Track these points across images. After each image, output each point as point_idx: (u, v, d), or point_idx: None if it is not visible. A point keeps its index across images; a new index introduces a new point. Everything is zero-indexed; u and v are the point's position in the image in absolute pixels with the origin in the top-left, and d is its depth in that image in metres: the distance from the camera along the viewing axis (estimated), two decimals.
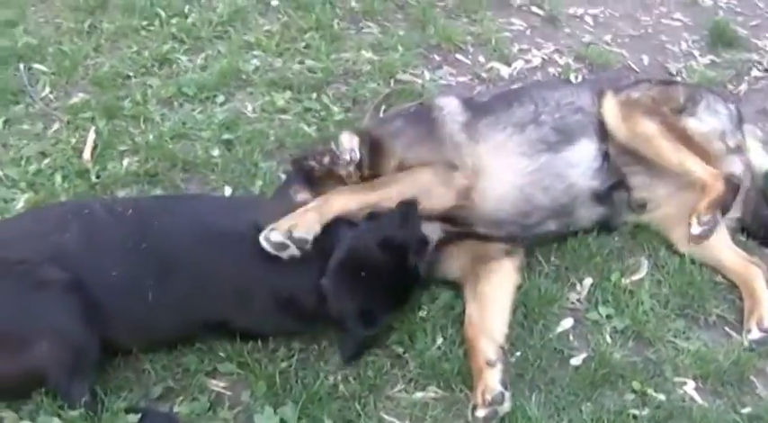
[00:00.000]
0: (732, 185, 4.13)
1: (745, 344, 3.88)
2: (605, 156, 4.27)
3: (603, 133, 4.30)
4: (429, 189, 3.99)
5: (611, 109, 4.30)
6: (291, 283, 3.65)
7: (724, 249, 4.24)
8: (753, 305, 4.00)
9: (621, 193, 4.32)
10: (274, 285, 3.65)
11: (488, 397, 3.46)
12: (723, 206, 4.09)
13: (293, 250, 3.64)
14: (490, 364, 3.57)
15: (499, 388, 3.47)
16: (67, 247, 3.55)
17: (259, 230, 3.65)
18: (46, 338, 3.35)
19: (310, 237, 3.67)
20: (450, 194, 4.02)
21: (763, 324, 3.89)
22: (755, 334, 3.89)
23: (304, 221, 3.72)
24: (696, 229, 4.00)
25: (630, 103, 4.30)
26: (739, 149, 4.37)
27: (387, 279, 3.67)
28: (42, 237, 3.59)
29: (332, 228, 3.76)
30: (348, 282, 3.63)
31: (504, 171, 4.15)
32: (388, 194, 3.93)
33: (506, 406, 3.48)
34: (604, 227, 4.35)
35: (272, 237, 3.64)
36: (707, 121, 4.32)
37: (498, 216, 4.11)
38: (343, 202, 3.89)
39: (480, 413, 3.45)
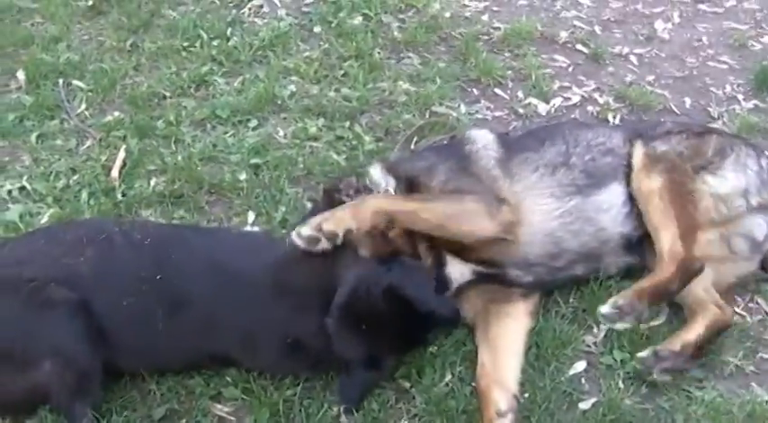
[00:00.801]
0: (688, 273, 3.93)
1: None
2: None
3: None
4: (473, 214, 3.93)
5: (636, 159, 4.21)
6: (298, 325, 3.63)
7: (698, 287, 4.08)
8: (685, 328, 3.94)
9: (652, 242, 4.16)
10: (281, 328, 3.63)
11: None
12: (660, 295, 3.90)
13: (324, 243, 3.69)
14: (500, 414, 3.54)
15: None
16: (80, 271, 3.57)
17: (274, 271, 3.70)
18: (50, 358, 3.37)
19: (341, 231, 3.70)
20: (494, 226, 3.94)
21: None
22: (607, 309, 3.78)
23: (335, 216, 3.77)
24: (605, 309, 3.78)
25: (654, 157, 4.19)
26: (764, 208, 4.20)
27: (393, 324, 3.62)
28: (56, 258, 3.61)
29: (340, 266, 3.73)
30: (352, 324, 3.59)
31: (536, 212, 4.08)
32: (429, 206, 3.92)
33: None
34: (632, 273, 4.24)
35: (302, 231, 3.71)
36: (729, 178, 4.15)
37: (528, 258, 4.04)
38: (380, 202, 3.90)
39: None
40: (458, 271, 4.00)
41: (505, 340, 3.89)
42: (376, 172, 4.23)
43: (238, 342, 3.64)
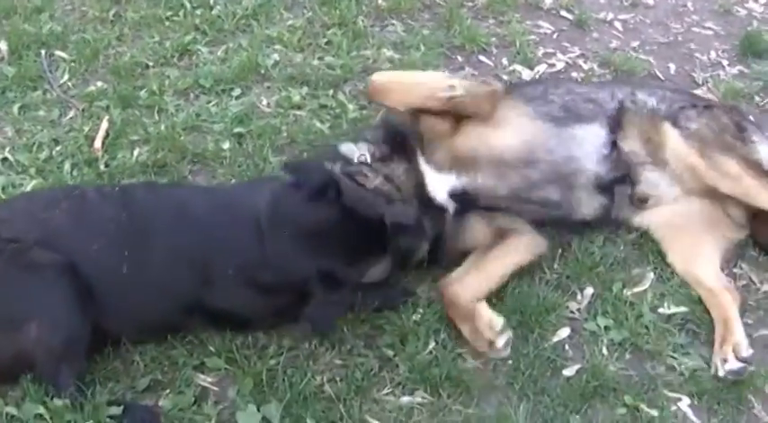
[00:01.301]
0: None
1: (720, 374, 3.73)
2: (614, 146, 4.28)
3: (616, 126, 4.32)
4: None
5: (678, 144, 4.28)
6: (250, 255, 3.61)
7: (710, 270, 4.15)
8: (725, 333, 3.87)
9: (624, 187, 4.31)
10: (237, 259, 3.62)
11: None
12: None
13: None
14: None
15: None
16: (57, 223, 3.58)
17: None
18: (35, 321, 3.33)
19: None
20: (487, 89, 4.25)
21: (741, 352, 3.75)
22: (733, 364, 3.72)
23: None
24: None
25: (696, 138, 4.28)
26: None
27: (335, 232, 3.60)
28: (34, 214, 3.61)
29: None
30: (287, 234, 3.59)
31: (513, 116, 4.27)
32: None
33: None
34: (604, 221, 4.33)
35: None
36: (761, 149, 4.30)
37: (504, 157, 4.15)
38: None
39: None
40: (438, 186, 4.10)
41: (488, 262, 4.02)
42: (345, 148, 4.23)
43: (197, 278, 3.61)
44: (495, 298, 3.95)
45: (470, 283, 3.90)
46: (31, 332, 3.33)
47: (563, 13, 6.15)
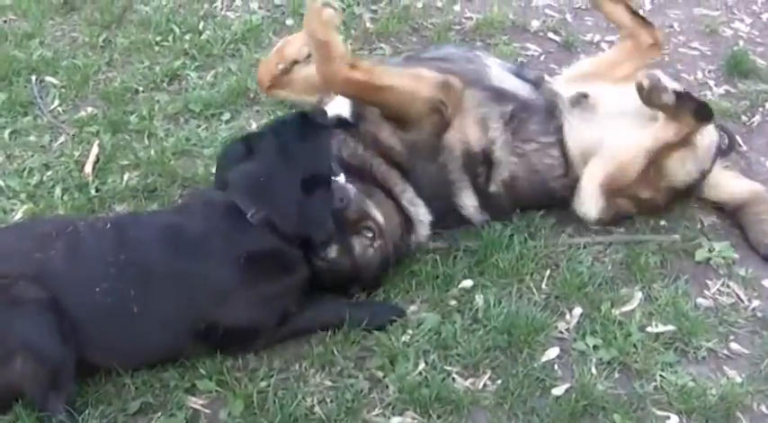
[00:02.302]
0: None
1: None
2: None
3: None
4: None
5: None
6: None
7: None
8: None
9: None
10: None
11: None
12: None
13: None
14: None
15: None
16: (52, 265, 3.61)
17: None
18: (21, 355, 3.38)
19: None
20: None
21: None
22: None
23: None
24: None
25: None
26: None
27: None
28: (25, 253, 3.64)
29: None
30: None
31: None
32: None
33: None
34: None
35: None
36: None
37: None
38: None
39: None
40: None
41: None
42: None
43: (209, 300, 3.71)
44: (485, 318, 3.97)
45: None
46: (17, 365, 3.39)
47: (550, 35, 6.18)
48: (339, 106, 4.35)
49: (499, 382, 3.75)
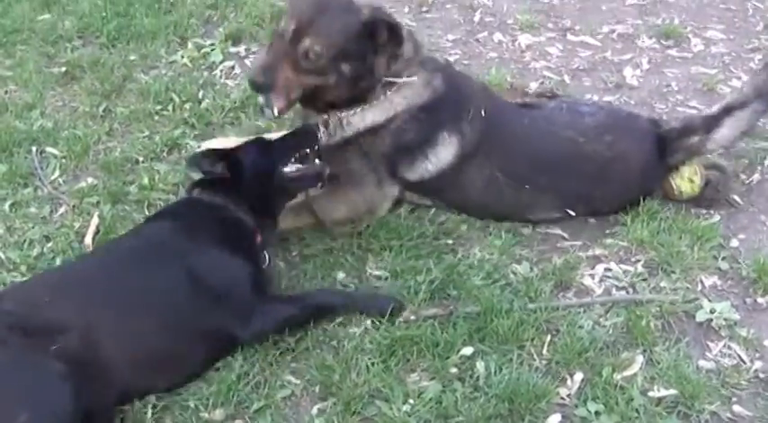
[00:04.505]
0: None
1: None
2: None
3: None
4: None
5: None
6: None
7: None
8: None
9: None
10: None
11: None
12: None
13: None
14: None
15: None
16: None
17: None
18: (25, 414, 3.33)
19: None
20: None
21: None
22: None
23: None
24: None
25: None
26: None
27: None
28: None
29: None
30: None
31: None
32: None
33: None
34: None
35: None
36: None
37: None
38: None
39: None
40: None
41: None
42: None
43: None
44: (486, 386, 3.95)
45: None
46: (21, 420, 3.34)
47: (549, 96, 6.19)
48: None
49: None
